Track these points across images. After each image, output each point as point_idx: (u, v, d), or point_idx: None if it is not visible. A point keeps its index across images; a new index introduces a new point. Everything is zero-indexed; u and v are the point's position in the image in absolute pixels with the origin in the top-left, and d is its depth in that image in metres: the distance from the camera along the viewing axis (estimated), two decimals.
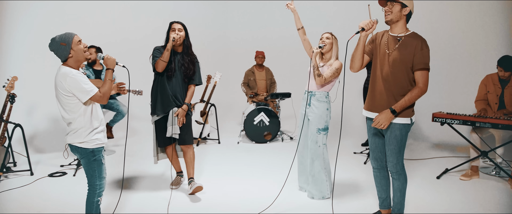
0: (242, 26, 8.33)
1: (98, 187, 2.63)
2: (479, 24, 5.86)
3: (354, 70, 2.86)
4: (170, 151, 3.79)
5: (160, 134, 3.67)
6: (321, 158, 3.52)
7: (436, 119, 4.16)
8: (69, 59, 2.52)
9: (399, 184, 2.83)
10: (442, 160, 5.03)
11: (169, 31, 3.54)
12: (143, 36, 6.84)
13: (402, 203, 2.90)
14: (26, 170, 4.23)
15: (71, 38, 2.51)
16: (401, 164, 2.78)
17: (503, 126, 3.81)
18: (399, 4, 2.60)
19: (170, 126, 3.54)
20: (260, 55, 6.41)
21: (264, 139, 5.96)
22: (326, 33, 3.56)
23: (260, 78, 6.44)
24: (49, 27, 5.72)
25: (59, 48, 2.49)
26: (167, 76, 3.53)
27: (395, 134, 2.70)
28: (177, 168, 3.96)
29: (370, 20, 2.64)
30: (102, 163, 2.63)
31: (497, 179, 4.24)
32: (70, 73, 2.44)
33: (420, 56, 2.56)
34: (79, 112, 2.49)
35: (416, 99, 2.61)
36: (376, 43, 2.80)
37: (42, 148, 5.21)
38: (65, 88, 2.43)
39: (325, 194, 3.59)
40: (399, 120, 2.67)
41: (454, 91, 6.00)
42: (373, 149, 2.94)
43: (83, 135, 2.51)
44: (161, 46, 3.56)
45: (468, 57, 5.98)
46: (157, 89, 3.57)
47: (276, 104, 6.13)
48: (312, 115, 3.51)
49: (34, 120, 5.55)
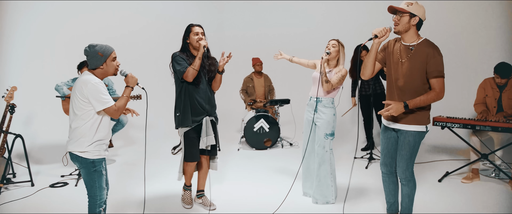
0: (238, 31, 8.35)
1: (99, 198, 2.61)
2: (477, 28, 5.95)
3: (365, 77, 2.87)
4: (208, 163, 3.55)
5: (194, 145, 3.36)
6: (328, 163, 3.55)
7: (437, 123, 4.20)
8: (98, 69, 2.57)
9: (408, 190, 2.85)
10: (442, 164, 5.07)
11: (189, 35, 3.29)
12: (127, 33, 6.78)
13: (410, 208, 2.92)
14: (26, 181, 4.18)
15: (109, 52, 2.56)
16: (411, 171, 2.79)
17: (503, 129, 3.87)
18: (407, 15, 2.59)
19: (206, 136, 3.33)
20: (258, 63, 6.44)
21: (264, 145, 5.96)
22: (332, 40, 3.60)
23: (258, 85, 6.46)
24: (47, 31, 5.71)
25: (95, 57, 2.52)
26: (194, 84, 3.28)
27: (408, 140, 2.72)
28: (198, 186, 3.66)
29: (384, 28, 2.63)
30: (102, 174, 2.61)
31: (497, 181, 4.29)
32: (93, 80, 2.47)
33: (434, 63, 2.56)
34: (87, 120, 2.49)
35: (431, 102, 2.62)
36: (388, 51, 2.81)
37: (41, 159, 5.15)
38: (83, 93, 2.44)
39: (330, 199, 3.61)
40: (414, 127, 2.69)
41: (452, 95, 6.06)
42: (385, 154, 2.96)
43: (84, 145, 2.49)
44: (181, 53, 3.29)
45: (466, 61, 6.06)
46: (186, 99, 3.29)
47: (275, 110, 6.15)
48: (320, 121, 3.54)
49: (32, 131, 5.50)
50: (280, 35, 7.82)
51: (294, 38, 7.70)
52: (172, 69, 3.32)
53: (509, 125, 3.84)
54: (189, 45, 3.34)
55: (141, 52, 6.87)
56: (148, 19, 7.11)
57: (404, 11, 2.57)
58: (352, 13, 7.20)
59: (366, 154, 5.34)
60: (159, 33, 7.19)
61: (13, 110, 4.14)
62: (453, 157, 5.42)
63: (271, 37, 7.99)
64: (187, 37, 3.32)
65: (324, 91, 3.51)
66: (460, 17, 6.08)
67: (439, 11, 6.17)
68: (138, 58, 6.71)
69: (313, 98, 3.62)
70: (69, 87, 4.49)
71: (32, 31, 5.61)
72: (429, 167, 4.93)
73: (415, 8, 2.58)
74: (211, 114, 3.43)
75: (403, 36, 2.71)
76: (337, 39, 3.61)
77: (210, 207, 3.51)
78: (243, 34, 8.30)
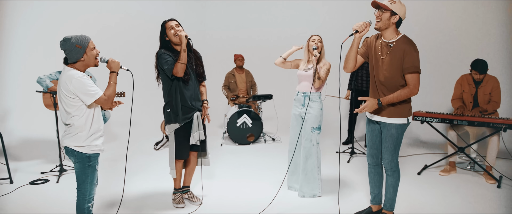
0: (219, 27, 8.35)
1: (88, 193, 2.58)
2: (452, 27, 6.14)
3: (348, 71, 2.95)
4: (196, 159, 3.52)
5: (184, 142, 3.32)
6: (315, 157, 3.62)
7: (416, 117, 4.33)
8: (79, 62, 2.49)
9: (393, 181, 2.96)
10: (421, 157, 5.23)
11: (165, 32, 3.19)
12: (112, 36, 6.72)
13: (393, 199, 3.04)
14: (5, 178, 4.07)
15: (87, 42, 2.48)
16: (396, 162, 2.91)
17: (478, 123, 4.03)
18: (388, 12, 2.65)
19: (196, 132, 3.30)
20: (239, 58, 6.45)
21: (247, 140, 5.99)
22: (316, 35, 3.67)
23: (240, 81, 6.48)
24: (27, 29, 5.55)
25: (73, 50, 2.44)
26: (183, 80, 3.21)
27: (391, 133, 2.82)
28: (183, 182, 3.61)
29: (364, 22, 2.70)
30: (95, 169, 2.59)
31: (473, 173, 4.46)
32: (76, 75, 2.42)
33: (410, 59, 2.64)
34: (81, 115, 2.46)
35: (404, 98, 2.71)
36: (370, 47, 2.89)
37: (19, 156, 5.01)
38: (70, 90, 2.40)
39: (316, 192, 3.67)
40: (395, 120, 2.79)
41: (430, 91, 6.25)
42: (370, 146, 3.06)
43: (82, 139, 2.48)
44: (164, 50, 3.17)
45: (443, 58, 6.25)
46: (176, 96, 3.22)
47: (257, 106, 6.18)
48: (308, 115, 3.60)
49: (9, 127, 5.35)
50: (263, 37, 7.89)
51: (278, 38, 7.77)
52: (159, 67, 3.23)
53: (484, 119, 4.01)
54: (169, 42, 3.24)
55: (128, 50, 6.77)
56: (137, 19, 7.03)
57: (386, 8, 2.64)
58: (337, 11, 7.31)
59: (348, 149, 5.44)
60: (149, 32, 7.10)
61: None
62: (431, 150, 5.60)
63: (254, 38, 8.04)
64: (164, 34, 3.22)
65: (316, 87, 3.56)
66: (440, 16, 6.26)
67: (417, 9, 6.33)
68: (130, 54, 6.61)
69: (300, 93, 3.67)
70: (52, 80, 4.37)
71: (14, 29, 5.44)
72: (409, 160, 5.08)
73: (397, 6, 2.66)
74: (199, 108, 3.40)
75: (383, 33, 2.78)
76: (318, 34, 3.70)
77: (195, 202, 3.52)
78: (226, 33, 8.31)
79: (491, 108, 4.43)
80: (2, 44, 5.41)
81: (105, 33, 6.51)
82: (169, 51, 3.20)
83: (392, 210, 3.10)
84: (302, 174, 3.67)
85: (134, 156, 5.14)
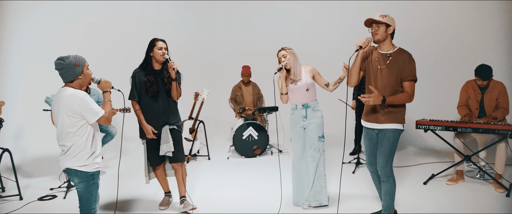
0: (227, 37, 8.44)
1: (94, 210, 2.62)
2: (458, 33, 6.07)
3: (352, 85, 3.13)
4: (159, 171, 3.76)
5: (152, 153, 3.62)
6: (322, 165, 3.63)
7: (420, 126, 4.28)
8: (76, 80, 2.53)
9: (388, 187, 3.02)
10: (428, 166, 5.14)
11: (152, 49, 3.45)
12: (124, 38, 6.89)
13: (391, 206, 3.07)
14: (15, 195, 4.19)
15: (83, 61, 2.55)
16: (390, 167, 3.00)
17: (483, 130, 3.95)
18: (383, 25, 2.89)
19: (164, 144, 3.49)
20: (246, 74, 6.45)
21: (254, 153, 6.00)
22: (281, 50, 3.65)
23: (247, 93, 6.52)
24: (33, 46, 5.74)
25: (71, 68, 2.48)
26: (153, 98, 3.48)
27: (388, 136, 2.94)
28: (165, 188, 3.89)
29: (366, 39, 2.92)
30: (98, 186, 2.64)
31: (482, 182, 4.36)
32: (80, 94, 2.46)
33: (408, 68, 2.86)
34: (82, 134, 2.49)
35: (402, 101, 2.89)
36: (368, 60, 3.07)
37: (31, 172, 5.16)
38: (73, 109, 2.43)
39: (323, 201, 3.66)
40: (392, 125, 2.93)
41: (436, 98, 6.16)
42: (369, 154, 3.17)
43: (83, 159, 2.50)
44: (139, 70, 3.50)
45: (448, 65, 6.17)
46: (145, 112, 3.51)
47: (263, 118, 6.20)
48: (312, 125, 3.60)
49: (21, 144, 5.51)
50: (270, 39, 7.91)
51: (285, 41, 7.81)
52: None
53: (489, 126, 3.92)
54: (152, 58, 3.49)
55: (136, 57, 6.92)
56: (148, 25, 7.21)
57: (380, 22, 2.88)
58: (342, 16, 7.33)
59: (353, 159, 5.39)
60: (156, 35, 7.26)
61: (1, 124, 4.16)
62: (439, 159, 5.49)
63: (260, 42, 8.08)
64: (151, 50, 3.47)
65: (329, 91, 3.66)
66: (445, 22, 6.20)
67: (422, 16, 6.29)
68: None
69: (299, 106, 3.65)
70: None
71: (18, 46, 5.65)
72: (415, 170, 5.00)
73: (389, 19, 2.91)
74: (172, 122, 3.57)
75: (380, 45, 3.01)
76: (282, 47, 3.68)
77: (187, 207, 3.62)
78: (234, 35, 8.38)
79: (500, 115, 4.35)
80: (16, 62, 5.62)
81: (113, 36, 6.71)
82: (146, 70, 3.48)
83: None
84: (309, 183, 3.64)
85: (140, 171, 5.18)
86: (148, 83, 3.44)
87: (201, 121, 5.97)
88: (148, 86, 3.45)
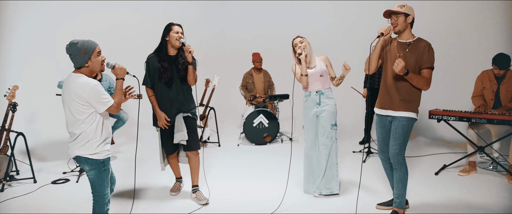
0: (238, 27, 8.41)
1: (107, 196, 2.63)
2: (473, 22, 5.93)
3: (371, 72, 3.13)
4: (173, 158, 3.74)
5: (167, 141, 3.57)
6: (334, 153, 3.63)
7: (433, 116, 4.21)
8: (84, 67, 2.47)
9: (400, 175, 3.02)
10: (440, 157, 5.09)
11: (168, 33, 3.37)
12: (138, 33, 6.90)
13: (403, 195, 3.08)
14: (29, 178, 4.26)
15: (92, 48, 2.46)
16: (402, 155, 3.01)
17: (498, 121, 3.87)
18: (402, 15, 2.92)
19: (178, 132, 3.44)
20: (258, 60, 6.46)
21: (264, 140, 6.01)
22: (297, 38, 3.67)
23: (258, 81, 6.50)
24: (48, 30, 5.77)
25: (78, 56, 2.42)
26: (167, 85, 3.40)
27: (402, 124, 2.96)
28: (177, 174, 3.90)
29: (388, 26, 2.95)
30: (109, 171, 2.65)
31: (494, 174, 4.30)
32: (91, 83, 2.40)
33: (427, 56, 2.89)
34: (91, 121, 2.46)
35: (421, 84, 2.89)
36: (387, 49, 3.08)
37: (44, 156, 5.24)
38: (83, 98, 2.39)
39: (334, 189, 3.66)
40: (407, 113, 2.97)
41: (451, 88, 6.06)
42: (380, 141, 3.19)
43: (94, 147, 2.48)
44: (154, 55, 3.43)
45: (463, 54, 6.05)
46: (159, 99, 3.45)
47: (274, 105, 6.18)
48: (325, 113, 3.60)
49: (35, 129, 5.59)
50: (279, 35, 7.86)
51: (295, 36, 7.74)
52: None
53: (504, 117, 3.84)
54: (167, 43, 3.41)
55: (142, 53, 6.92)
56: (148, 19, 7.15)
57: (399, 12, 2.91)
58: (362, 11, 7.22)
59: (364, 148, 5.36)
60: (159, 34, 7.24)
61: (15, 108, 4.22)
62: (452, 150, 5.43)
63: (271, 37, 8.03)
64: (167, 35, 3.39)
65: (334, 85, 3.69)
66: (458, 11, 6.06)
67: (438, 5, 6.16)
68: (141, 58, 6.76)
69: (313, 93, 3.64)
70: None
71: (33, 30, 5.68)
72: (427, 160, 4.96)
73: (408, 8, 2.93)
74: (186, 110, 3.51)
75: (401, 35, 3.02)
76: (299, 35, 3.72)
77: (201, 201, 3.56)
78: (244, 33, 8.36)
79: None
80: (29, 46, 5.66)
81: (123, 32, 6.71)
82: (160, 56, 3.41)
83: (402, 207, 3.09)
84: (321, 171, 3.64)
85: (154, 157, 5.24)
86: (162, 69, 3.36)
87: (211, 108, 5.98)
88: (162, 72, 3.36)
